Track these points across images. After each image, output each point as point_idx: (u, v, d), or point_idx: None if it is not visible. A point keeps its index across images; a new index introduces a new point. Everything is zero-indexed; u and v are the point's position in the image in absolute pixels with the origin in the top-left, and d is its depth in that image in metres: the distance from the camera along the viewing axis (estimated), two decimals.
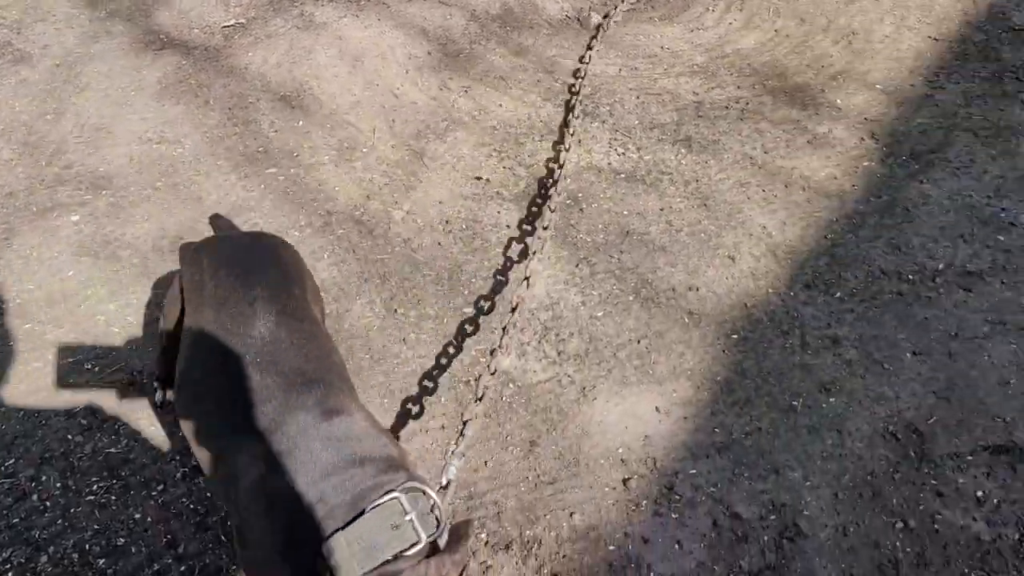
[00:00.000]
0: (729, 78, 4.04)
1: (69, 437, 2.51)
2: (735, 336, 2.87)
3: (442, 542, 1.52)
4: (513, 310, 2.66)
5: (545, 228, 3.04)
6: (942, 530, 2.35)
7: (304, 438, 1.60)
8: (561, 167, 3.37)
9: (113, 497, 2.37)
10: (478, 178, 3.46)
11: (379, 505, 1.49)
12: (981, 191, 3.38)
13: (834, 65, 4.11)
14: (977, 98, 3.86)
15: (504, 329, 2.60)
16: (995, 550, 2.29)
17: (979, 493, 2.42)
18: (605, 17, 4.40)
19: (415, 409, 2.64)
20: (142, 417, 2.56)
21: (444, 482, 2.11)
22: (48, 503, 2.35)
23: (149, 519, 2.32)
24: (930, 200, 3.36)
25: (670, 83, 4.01)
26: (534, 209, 3.33)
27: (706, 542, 2.33)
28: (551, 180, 3.35)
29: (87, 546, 2.27)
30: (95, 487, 2.40)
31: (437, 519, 1.52)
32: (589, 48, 4.17)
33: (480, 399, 2.38)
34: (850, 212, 3.31)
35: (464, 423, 2.29)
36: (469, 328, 2.90)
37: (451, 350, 2.83)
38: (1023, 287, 2.96)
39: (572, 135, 3.53)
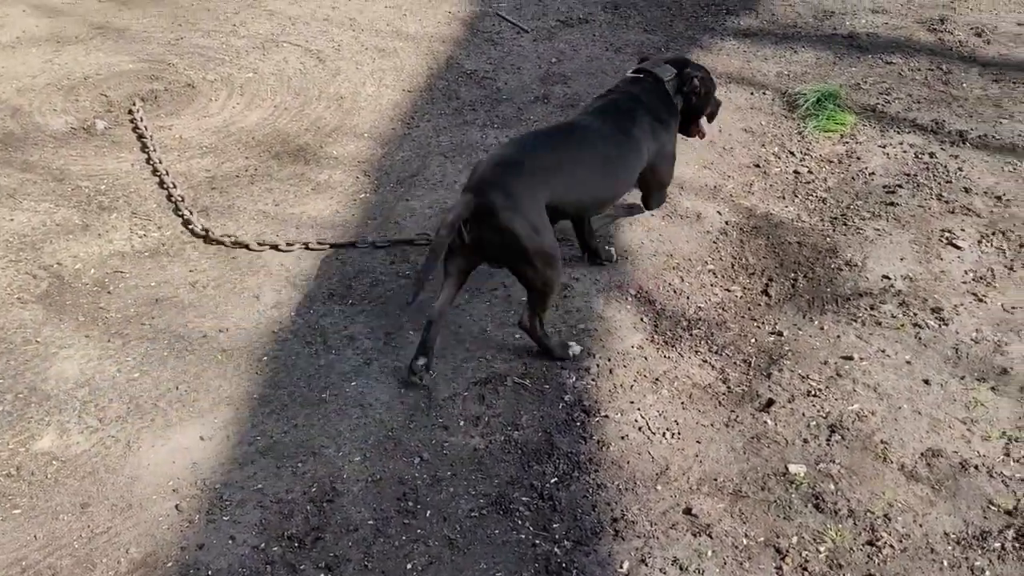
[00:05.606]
0: (237, 152, 4.47)
1: None
2: (266, 358, 3.23)
3: None
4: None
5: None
6: (450, 453, 2.89)
7: None
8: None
9: None
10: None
11: None
12: (452, 197, 4.14)
13: (329, 125, 4.74)
14: (444, 129, 4.71)
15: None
16: (487, 453, 2.87)
17: (475, 414, 3.01)
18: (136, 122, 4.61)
19: None
20: None
21: None
22: None
23: None
24: (415, 211, 4.05)
25: (183, 167, 4.34)
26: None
27: (256, 529, 2.62)
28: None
29: None
30: None
31: None
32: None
33: None
34: (353, 236, 3.87)
35: None
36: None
37: None
38: None
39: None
